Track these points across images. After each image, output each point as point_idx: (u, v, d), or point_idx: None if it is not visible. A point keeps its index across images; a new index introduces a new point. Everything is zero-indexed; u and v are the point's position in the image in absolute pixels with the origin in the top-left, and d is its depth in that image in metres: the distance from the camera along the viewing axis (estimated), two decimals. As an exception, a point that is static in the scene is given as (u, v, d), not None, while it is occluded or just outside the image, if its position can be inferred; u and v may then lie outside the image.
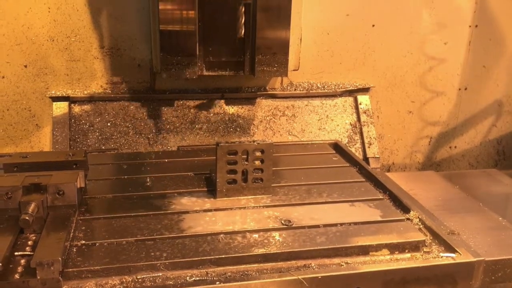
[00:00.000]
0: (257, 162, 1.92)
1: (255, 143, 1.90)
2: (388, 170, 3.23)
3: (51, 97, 2.63)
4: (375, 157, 2.85)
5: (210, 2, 2.45)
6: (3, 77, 2.59)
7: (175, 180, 2.07)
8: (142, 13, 2.60)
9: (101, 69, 2.68)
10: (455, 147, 3.31)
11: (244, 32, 2.52)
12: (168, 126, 2.71)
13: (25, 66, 2.60)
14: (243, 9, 1.79)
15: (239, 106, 2.81)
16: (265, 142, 1.90)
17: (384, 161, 3.21)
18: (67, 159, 1.83)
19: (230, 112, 2.79)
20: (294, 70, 2.79)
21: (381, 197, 1.98)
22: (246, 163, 1.90)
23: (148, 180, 2.07)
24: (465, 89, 3.17)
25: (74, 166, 1.81)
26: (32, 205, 1.51)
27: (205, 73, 2.60)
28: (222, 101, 2.79)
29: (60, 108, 2.62)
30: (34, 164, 1.79)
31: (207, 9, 2.46)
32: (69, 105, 2.62)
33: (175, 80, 2.68)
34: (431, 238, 1.72)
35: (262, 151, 1.91)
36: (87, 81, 2.68)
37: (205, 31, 2.49)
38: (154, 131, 2.69)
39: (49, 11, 2.54)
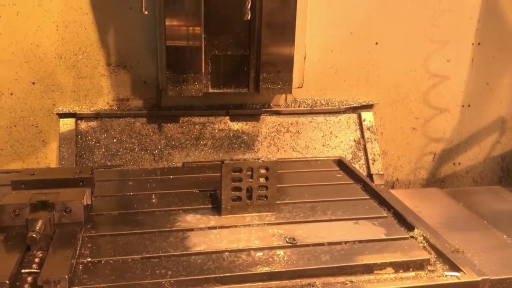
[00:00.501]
0: (262, 180, 1.93)
1: (259, 160, 1.91)
2: (392, 187, 3.23)
3: (58, 114, 2.66)
4: (379, 174, 2.86)
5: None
6: (11, 94, 2.63)
7: (180, 197, 2.08)
8: (148, 31, 2.64)
9: (107, 86, 2.71)
10: (459, 163, 3.31)
11: (250, 50, 2.56)
12: (173, 142, 2.73)
13: (33, 83, 2.64)
14: None
15: (244, 123, 2.83)
16: (270, 159, 1.92)
17: (388, 178, 3.22)
18: (74, 177, 1.85)
19: (235, 129, 2.81)
20: (298, 87, 2.82)
21: (385, 214, 1.98)
22: (250, 180, 1.92)
23: (153, 196, 2.09)
24: (469, 106, 3.19)
25: (81, 183, 1.83)
26: (40, 223, 1.53)
27: (211, 90, 2.63)
28: (227, 117, 2.82)
29: (67, 124, 2.65)
30: (42, 181, 1.81)
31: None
32: (76, 121, 2.65)
33: (180, 97, 2.71)
34: (435, 256, 1.72)
35: (267, 169, 1.92)
36: (94, 98, 2.72)
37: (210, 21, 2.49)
38: (159, 147, 2.71)
39: (57, 30, 2.58)
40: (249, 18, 2.01)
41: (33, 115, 2.68)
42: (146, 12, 1.72)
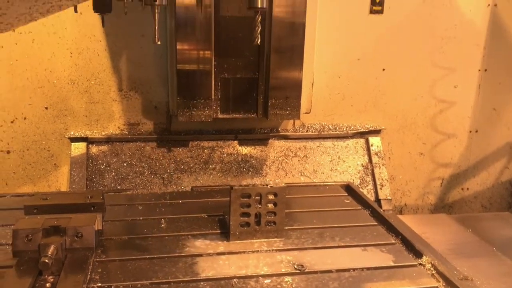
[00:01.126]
0: (270, 205, 1.94)
1: (268, 186, 1.93)
2: (401, 212, 3.23)
3: (69, 138, 2.71)
4: (387, 199, 2.86)
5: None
6: (24, 118, 2.69)
7: (189, 222, 2.10)
8: (159, 58, 2.70)
9: (119, 111, 2.77)
10: (467, 188, 3.31)
11: (258, 74, 2.61)
12: (182, 166, 2.76)
13: (46, 108, 2.70)
14: (260, 19, 1.86)
15: (252, 147, 2.86)
16: (278, 185, 1.93)
17: (396, 203, 3.22)
18: (86, 202, 1.87)
19: (243, 153, 2.84)
20: (306, 112, 2.85)
21: (393, 241, 1.98)
22: (259, 206, 1.93)
23: (162, 221, 2.10)
24: (476, 131, 3.20)
25: (92, 208, 1.86)
26: (52, 248, 1.55)
27: (220, 115, 2.67)
28: (236, 141, 2.85)
29: (78, 148, 2.69)
30: (54, 206, 1.83)
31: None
32: (87, 145, 2.70)
33: (190, 122, 2.75)
34: (444, 284, 1.71)
35: (275, 194, 1.94)
36: (105, 123, 2.77)
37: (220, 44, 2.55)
38: (168, 171, 2.74)
39: (71, 56, 2.65)
40: (259, 43, 2.05)
41: (45, 139, 2.73)
42: (159, 43, 1.77)
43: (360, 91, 3.00)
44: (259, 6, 1.78)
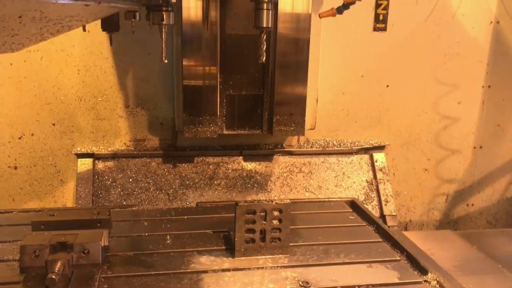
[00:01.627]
0: (275, 222, 1.95)
1: (273, 203, 1.94)
2: (406, 228, 3.22)
3: (76, 154, 2.73)
4: (392, 215, 2.86)
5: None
6: (32, 134, 2.72)
7: (194, 238, 2.11)
8: (165, 75, 2.74)
9: (125, 127, 2.79)
10: (472, 204, 3.30)
11: (263, 90, 2.64)
12: (187, 182, 2.78)
13: (53, 124, 2.73)
14: (265, 37, 1.89)
15: (257, 163, 2.88)
16: (283, 202, 1.95)
17: (401, 218, 3.22)
18: (92, 218, 1.89)
19: (248, 169, 2.86)
20: (310, 128, 2.87)
21: (398, 258, 1.98)
22: (264, 222, 1.94)
23: (168, 237, 2.11)
24: (480, 147, 3.21)
25: (99, 225, 1.87)
26: (59, 264, 1.57)
27: (225, 132, 2.69)
28: (241, 157, 2.87)
29: (85, 164, 2.71)
30: (61, 222, 1.85)
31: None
32: (93, 161, 2.72)
33: (196, 138, 2.78)
34: (449, 301, 1.71)
35: (280, 211, 1.95)
36: (111, 139, 2.79)
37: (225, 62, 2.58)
38: (174, 187, 2.76)
39: (78, 73, 2.69)
40: (264, 61, 2.08)
41: (52, 155, 2.76)
42: (166, 61, 1.80)
43: (364, 107, 3.02)
44: (265, 25, 1.81)
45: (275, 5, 2.20)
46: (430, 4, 2.95)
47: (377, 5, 2.89)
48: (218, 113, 2.60)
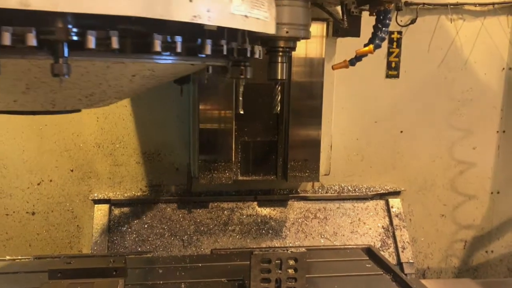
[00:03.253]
0: (291, 271, 1.93)
1: (288, 251, 1.92)
2: (424, 275, 3.16)
3: (93, 200, 2.76)
4: (409, 262, 2.81)
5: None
6: (50, 180, 2.76)
7: (209, 287, 2.09)
8: (181, 122, 2.79)
9: (141, 173, 2.83)
10: (492, 251, 3.23)
11: (278, 136, 2.66)
12: (202, 228, 2.77)
13: (72, 170, 2.78)
14: (279, 88, 1.94)
15: (271, 208, 2.87)
16: (299, 250, 1.93)
17: (419, 265, 3.15)
18: (108, 266, 1.89)
19: (263, 214, 2.85)
20: (325, 174, 2.87)
21: (417, 309, 1.94)
22: (279, 271, 1.92)
23: (182, 286, 2.10)
24: (498, 192, 3.17)
25: (114, 273, 1.87)
26: (74, 314, 1.56)
27: (240, 178, 2.71)
28: (255, 203, 2.87)
29: (101, 210, 2.74)
30: (77, 270, 1.86)
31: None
32: (110, 207, 2.75)
33: (211, 184, 2.80)
34: None
35: (296, 260, 1.93)
36: (128, 184, 2.83)
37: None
38: (188, 233, 2.76)
39: (97, 120, 2.76)
40: (278, 111, 2.11)
41: (70, 200, 2.80)
42: (242, 112, 1.86)
43: (379, 152, 3.03)
44: (279, 78, 1.85)
45: (289, 58, 2.26)
46: (441, 51, 3.00)
47: (389, 53, 2.95)
48: (233, 160, 2.63)
